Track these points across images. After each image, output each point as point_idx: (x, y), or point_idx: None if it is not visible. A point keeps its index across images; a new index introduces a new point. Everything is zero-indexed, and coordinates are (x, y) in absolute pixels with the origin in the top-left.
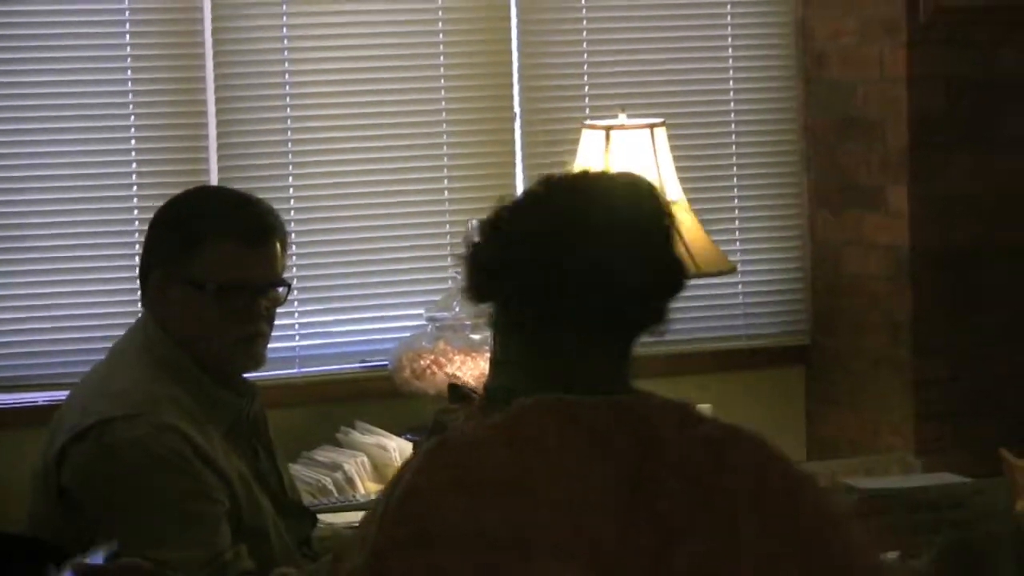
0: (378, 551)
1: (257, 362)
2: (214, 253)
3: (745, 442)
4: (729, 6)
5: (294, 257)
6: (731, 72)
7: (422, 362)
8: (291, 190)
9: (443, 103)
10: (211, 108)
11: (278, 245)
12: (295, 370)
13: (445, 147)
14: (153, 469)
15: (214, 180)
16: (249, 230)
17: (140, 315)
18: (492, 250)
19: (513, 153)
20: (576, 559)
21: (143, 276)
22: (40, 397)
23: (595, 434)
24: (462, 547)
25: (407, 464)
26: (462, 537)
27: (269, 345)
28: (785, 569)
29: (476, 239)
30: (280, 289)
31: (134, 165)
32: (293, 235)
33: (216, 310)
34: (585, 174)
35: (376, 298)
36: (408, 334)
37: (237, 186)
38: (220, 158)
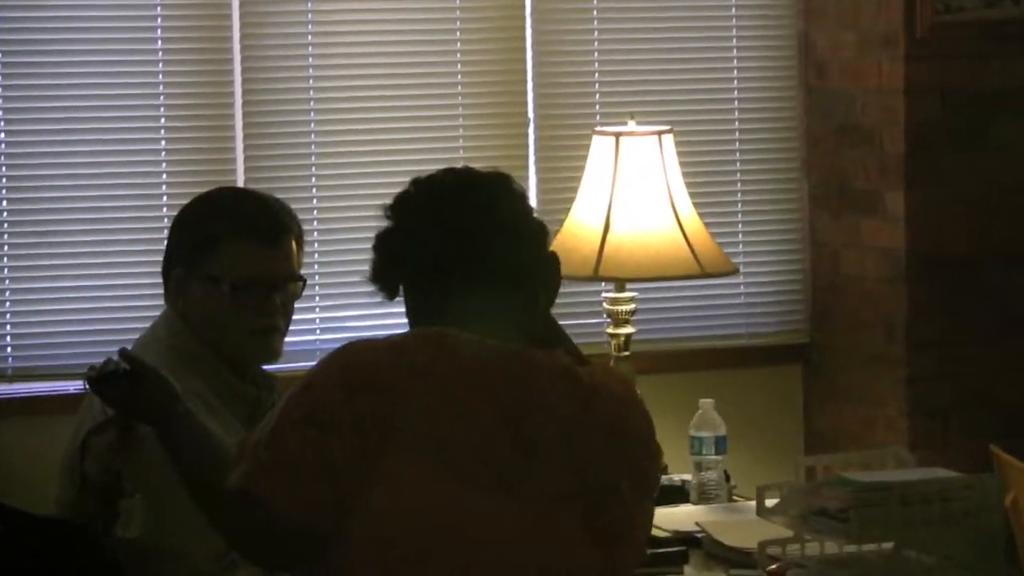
0: (277, 427)
1: (272, 354)
2: (229, 252)
3: (608, 394)
4: (735, 19)
5: (316, 253)
6: (736, 82)
7: None
8: (314, 189)
9: (460, 108)
10: (238, 110)
11: (293, 243)
12: (315, 363)
13: (461, 150)
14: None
15: (240, 179)
16: (262, 229)
17: (163, 310)
18: (390, 243)
19: (526, 157)
20: (426, 454)
21: (165, 274)
22: (70, 386)
23: (468, 363)
24: (339, 430)
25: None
26: (340, 422)
27: (289, 339)
28: (618, 499)
29: (377, 243)
30: (295, 284)
31: (164, 165)
32: (316, 231)
33: (232, 305)
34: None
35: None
36: None
37: (262, 185)
38: (247, 158)
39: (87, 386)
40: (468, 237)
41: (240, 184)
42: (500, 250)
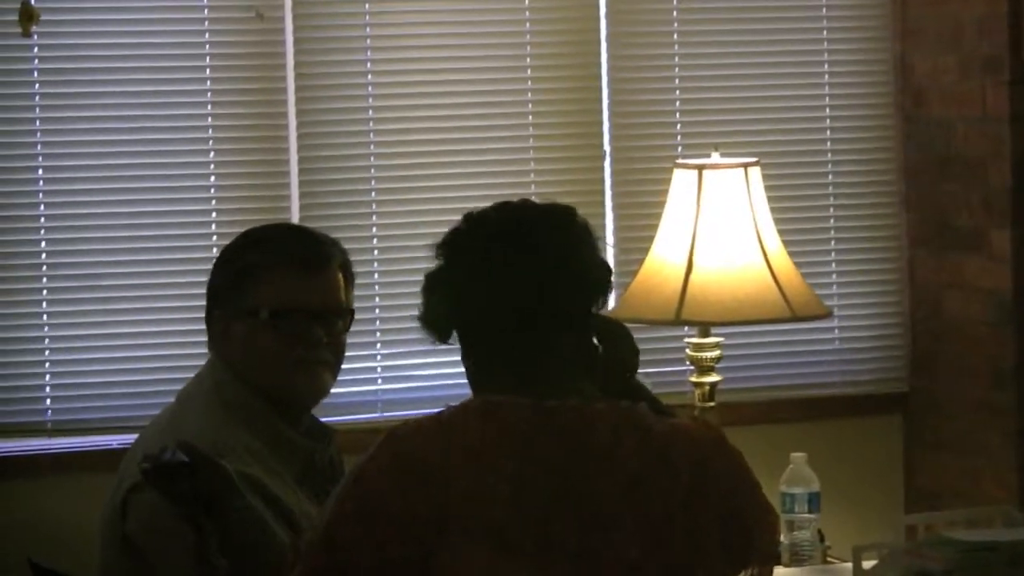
0: (329, 522)
1: (319, 390)
2: (267, 281)
3: (686, 441)
4: (826, 43)
5: (376, 296)
6: (827, 110)
7: None
8: (374, 227)
9: (531, 140)
10: (292, 143)
11: (339, 275)
12: (377, 414)
13: (533, 185)
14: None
15: (295, 217)
16: (302, 256)
17: (208, 359)
18: (437, 286)
19: (602, 192)
20: (484, 541)
21: (208, 318)
22: (113, 440)
23: (521, 435)
24: (393, 525)
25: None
26: (394, 514)
27: (350, 389)
28: (708, 564)
29: (426, 285)
30: (342, 317)
31: (213, 202)
32: (376, 272)
33: (272, 336)
34: (506, 204)
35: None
36: None
37: (318, 224)
38: (302, 195)
39: (144, 477)
40: (518, 283)
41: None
42: (553, 297)
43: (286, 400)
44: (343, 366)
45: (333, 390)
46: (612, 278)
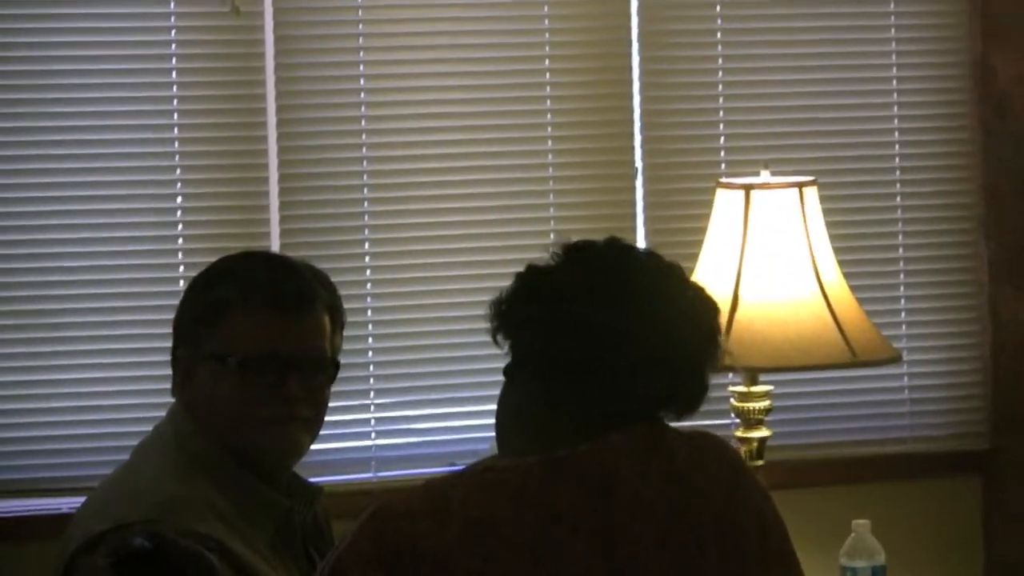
0: None
1: (292, 450)
2: (239, 321)
3: (711, 464)
4: (894, 43)
5: (370, 338)
6: (896, 122)
7: None
8: (367, 259)
9: (550, 156)
10: (272, 161)
11: (324, 317)
12: (371, 474)
13: (552, 208)
14: None
15: (275, 248)
16: (280, 294)
17: (171, 405)
18: (538, 288)
19: (633, 216)
20: None
21: (172, 358)
22: (63, 504)
23: (528, 497)
24: None
25: (344, 534)
26: None
27: (340, 444)
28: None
29: (528, 272)
30: (324, 368)
31: (180, 227)
32: (369, 311)
33: (241, 387)
34: (654, 257)
35: (465, 389)
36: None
37: (301, 255)
38: (283, 220)
39: (107, 570)
40: (652, 349)
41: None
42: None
43: (254, 460)
44: (331, 418)
45: (320, 446)
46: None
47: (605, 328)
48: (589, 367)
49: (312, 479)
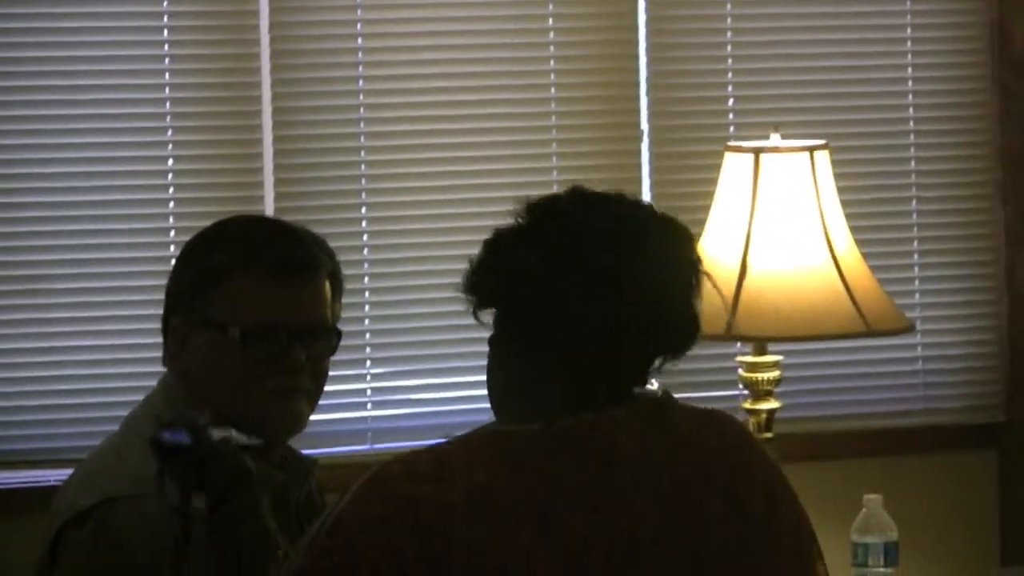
0: None
1: (295, 423)
2: (240, 290)
3: (717, 436)
4: (908, 2)
5: (367, 306)
6: (910, 84)
7: None
8: (364, 223)
9: (553, 119)
10: (267, 123)
11: (325, 285)
12: (367, 446)
13: (555, 172)
14: (163, 563)
15: (269, 210)
16: (282, 261)
17: (163, 375)
18: (506, 255)
19: (639, 181)
20: None
21: (164, 325)
22: (51, 476)
23: (531, 467)
24: None
25: (344, 494)
26: (379, 574)
27: (336, 415)
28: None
29: (494, 239)
30: (327, 338)
31: (171, 190)
32: (367, 277)
33: (243, 359)
34: (622, 200)
35: (463, 359)
36: None
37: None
38: (278, 183)
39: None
40: (624, 299)
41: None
42: (655, 334)
43: (254, 432)
44: (327, 389)
45: (315, 417)
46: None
47: (578, 291)
48: (570, 336)
49: (307, 451)
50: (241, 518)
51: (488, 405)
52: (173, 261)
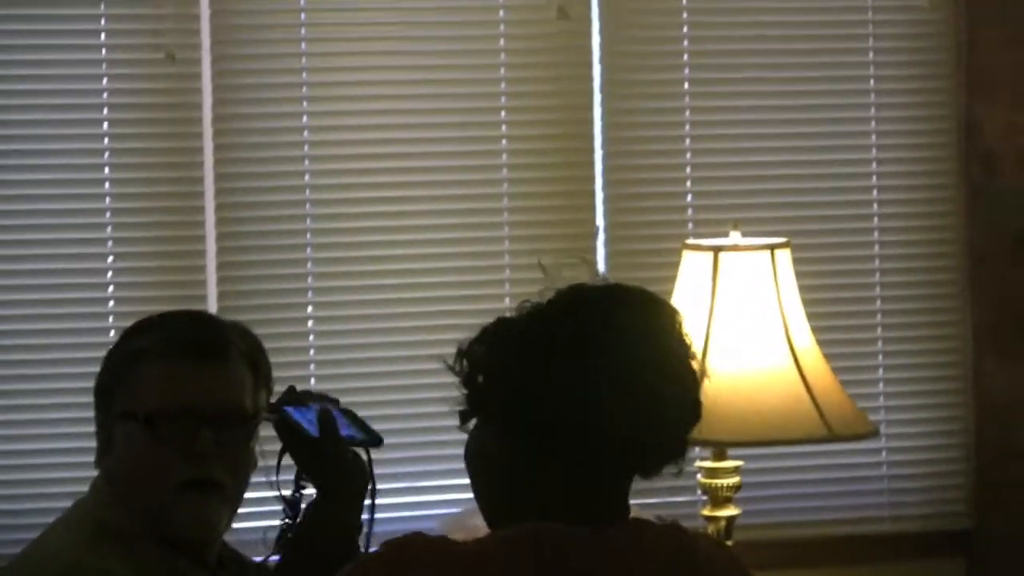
0: None
1: (204, 522)
2: (149, 375)
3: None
4: (873, 95)
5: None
6: (874, 179)
7: None
8: (311, 337)
9: (505, 215)
10: (210, 232)
11: (241, 368)
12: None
13: (508, 270)
14: None
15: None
16: (191, 342)
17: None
18: (502, 358)
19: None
20: None
21: (95, 427)
22: None
23: (579, 572)
24: None
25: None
26: None
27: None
28: None
29: (481, 342)
30: (243, 422)
31: (111, 288)
32: (313, 379)
33: (150, 446)
34: (614, 292)
35: (416, 463)
36: (457, 509)
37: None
38: (221, 296)
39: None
40: (640, 400)
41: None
42: (669, 427)
43: (167, 534)
44: (273, 493)
45: (261, 523)
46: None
47: (589, 387)
48: (577, 427)
49: (256, 558)
50: (336, 518)
51: (441, 510)
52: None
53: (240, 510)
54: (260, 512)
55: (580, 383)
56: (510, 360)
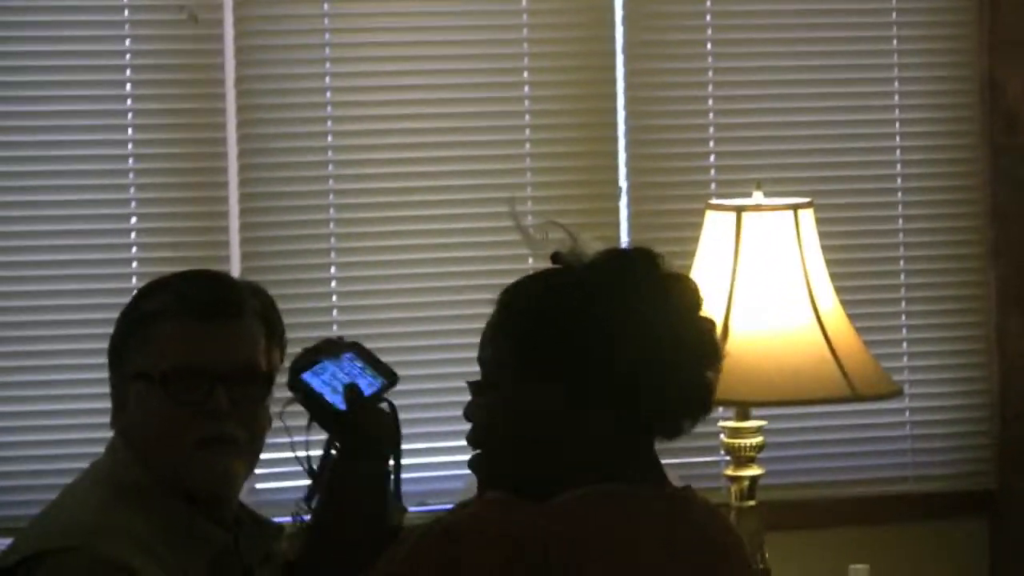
0: None
1: (220, 479)
2: (162, 335)
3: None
4: (896, 55)
5: None
6: (897, 139)
7: None
8: (334, 298)
9: (528, 175)
10: (233, 193)
11: (254, 326)
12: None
13: (531, 230)
14: None
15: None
16: (204, 303)
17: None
18: (543, 312)
19: (617, 239)
20: None
21: (110, 388)
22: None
23: (658, 532)
24: None
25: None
26: None
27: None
28: None
29: (519, 299)
30: (257, 381)
31: (134, 249)
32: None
33: (167, 405)
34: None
35: (439, 423)
36: None
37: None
38: (244, 256)
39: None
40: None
41: (236, 270)
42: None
43: (187, 488)
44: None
45: (287, 483)
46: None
47: (649, 339)
48: (633, 378)
49: (277, 519)
50: (367, 476)
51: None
52: None
53: (260, 471)
54: (281, 473)
55: (643, 336)
56: (577, 316)
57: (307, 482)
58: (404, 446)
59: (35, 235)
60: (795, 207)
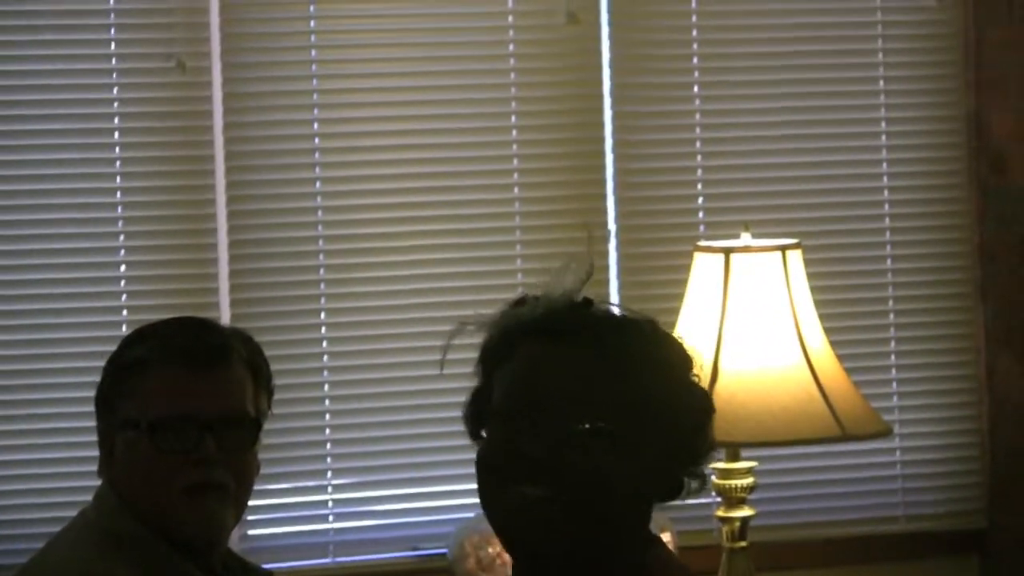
0: None
1: (209, 525)
2: (150, 383)
3: None
4: (883, 96)
5: (327, 414)
6: (885, 179)
7: (490, 549)
8: (325, 344)
9: (517, 219)
10: (223, 240)
11: (241, 373)
12: (328, 559)
13: (520, 274)
14: None
15: (225, 321)
16: (190, 349)
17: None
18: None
19: (606, 281)
20: None
21: (97, 436)
22: None
23: None
24: None
25: None
26: None
27: (296, 528)
28: None
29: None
30: (244, 426)
31: (124, 296)
32: (328, 396)
33: (155, 452)
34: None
35: (427, 468)
36: (472, 514)
37: (253, 327)
38: (233, 288)
39: None
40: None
41: (225, 318)
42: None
43: (174, 538)
44: (287, 500)
45: (275, 529)
46: None
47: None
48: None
49: (267, 565)
50: None
51: (449, 516)
52: None
53: (249, 517)
54: (269, 519)
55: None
56: (668, 375)
57: (299, 528)
58: (394, 492)
59: (24, 284)
60: (783, 248)
